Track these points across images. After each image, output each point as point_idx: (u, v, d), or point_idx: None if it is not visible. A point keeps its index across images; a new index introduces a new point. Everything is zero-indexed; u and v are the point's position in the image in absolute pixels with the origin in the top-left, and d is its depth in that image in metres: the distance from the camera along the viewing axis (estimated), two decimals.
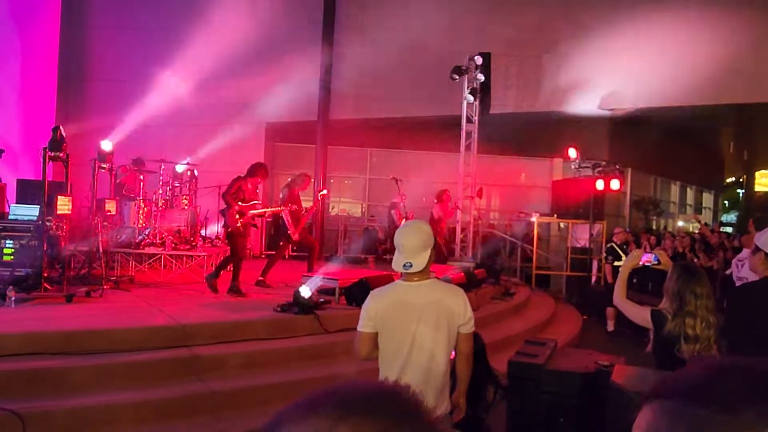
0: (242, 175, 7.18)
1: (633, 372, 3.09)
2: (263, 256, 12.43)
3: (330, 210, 15.17)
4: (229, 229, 7.00)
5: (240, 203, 7.01)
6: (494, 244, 13.55)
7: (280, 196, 8.13)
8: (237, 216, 6.98)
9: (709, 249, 11.06)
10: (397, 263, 2.65)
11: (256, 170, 7.20)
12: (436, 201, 10.43)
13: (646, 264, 3.41)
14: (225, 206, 7.11)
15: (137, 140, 10.18)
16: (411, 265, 2.61)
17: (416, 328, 2.65)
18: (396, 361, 2.68)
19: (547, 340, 4.53)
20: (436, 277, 2.86)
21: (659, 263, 3.37)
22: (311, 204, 9.06)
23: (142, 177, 8.94)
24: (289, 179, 8.22)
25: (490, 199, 16.79)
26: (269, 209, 8.16)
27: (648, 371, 3.09)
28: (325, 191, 9.62)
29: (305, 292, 6.17)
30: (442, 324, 2.65)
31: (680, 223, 21.14)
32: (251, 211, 7.19)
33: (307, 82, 12.15)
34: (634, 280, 11.07)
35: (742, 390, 0.49)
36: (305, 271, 7.82)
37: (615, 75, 13.00)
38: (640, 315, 3.16)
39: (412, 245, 2.64)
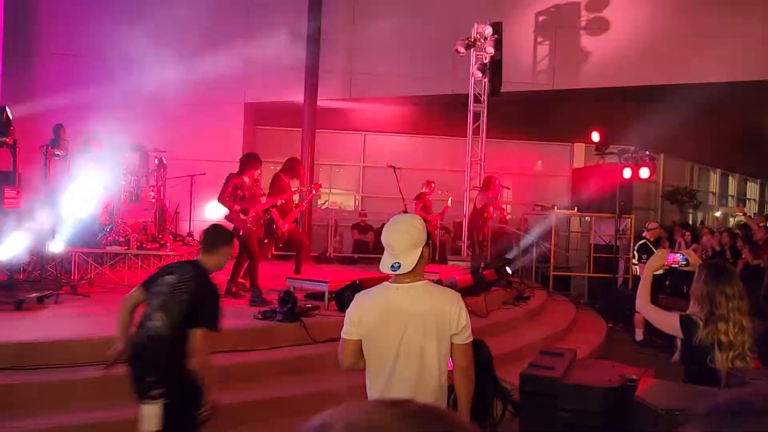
0: (234, 172, 7.27)
1: (661, 386, 3.13)
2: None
3: (319, 203, 15.20)
4: (241, 232, 7.05)
5: (241, 201, 7.15)
6: (506, 241, 13.58)
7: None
8: (242, 215, 7.13)
9: (755, 246, 11.12)
10: (385, 264, 2.69)
11: (247, 162, 7.34)
12: (481, 189, 10.44)
13: (673, 265, 3.43)
14: (227, 212, 7.18)
15: (95, 124, 10.16)
16: (399, 266, 2.65)
17: (403, 336, 2.68)
18: (381, 372, 2.73)
19: (565, 350, 4.56)
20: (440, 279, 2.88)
21: (687, 264, 3.39)
22: (303, 196, 9.14)
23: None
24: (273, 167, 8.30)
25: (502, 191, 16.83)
26: (278, 199, 8.20)
27: (679, 385, 3.13)
28: (319, 184, 9.68)
29: (290, 296, 6.20)
30: (432, 332, 2.68)
31: (717, 214, 21.21)
32: (264, 207, 7.44)
33: (291, 56, 12.14)
34: (667, 283, 11.14)
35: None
36: (291, 272, 7.85)
37: (646, 47, 13.01)
38: (667, 321, 3.19)
39: (400, 244, 2.67)
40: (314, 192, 9.64)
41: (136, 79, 11.90)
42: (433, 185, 11.36)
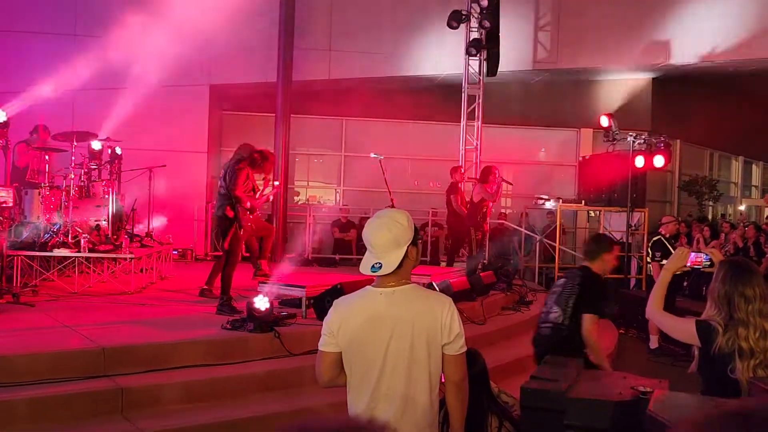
0: (244, 159, 7.29)
1: (676, 399, 3.15)
2: (208, 257, 12.43)
3: (295, 198, 15.17)
4: (241, 232, 7.15)
5: (250, 197, 7.23)
6: (506, 239, 13.63)
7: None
8: (249, 214, 7.20)
9: None
10: (365, 264, 2.69)
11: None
12: (478, 180, 10.43)
13: (695, 266, 3.40)
14: (222, 204, 7.14)
15: (40, 109, 10.07)
16: (380, 266, 2.64)
17: (389, 347, 2.67)
18: (365, 388, 2.71)
19: (571, 360, 4.59)
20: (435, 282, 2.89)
21: (712, 265, 3.36)
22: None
23: (47, 157, 8.85)
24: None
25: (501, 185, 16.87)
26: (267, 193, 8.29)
27: (695, 398, 3.15)
28: (277, 183, 9.60)
29: (262, 303, 6.18)
30: (421, 341, 2.68)
31: (741, 207, 21.37)
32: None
33: (263, 32, 12.09)
34: (685, 284, 11.22)
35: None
36: (261, 277, 7.82)
37: (660, 21, 13.09)
38: (683, 329, 3.18)
39: (381, 242, 2.67)
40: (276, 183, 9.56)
41: (85, 60, 11.79)
42: (463, 172, 11.29)
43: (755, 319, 3.02)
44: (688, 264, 3.43)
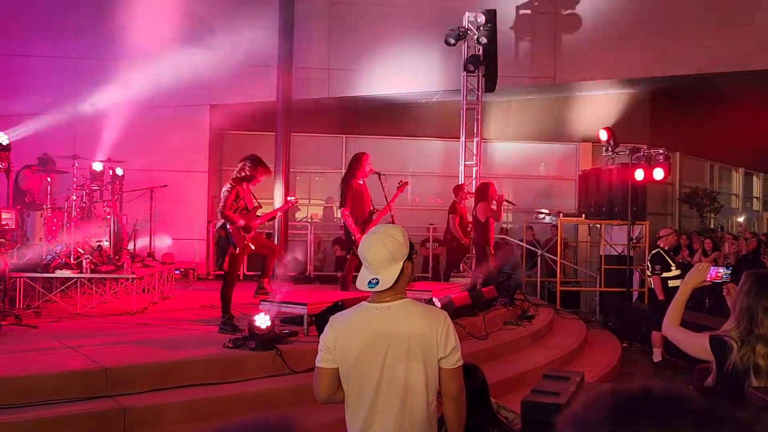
0: (237, 177, 7.15)
1: None
2: (210, 276, 12.45)
3: (297, 216, 15.19)
4: (237, 251, 7.03)
5: (242, 215, 7.07)
6: (507, 253, 13.62)
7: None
8: (243, 233, 7.05)
9: None
10: (362, 280, 2.71)
11: (256, 167, 7.19)
12: (476, 197, 10.39)
13: (716, 281, 3.27)
14: (221, 224, 7.11)
15: (41, 132, 10.14)
16: (377, 282, 2.66)
17: (385, 362, 2.68)
18: (361, 404, 2.73)
19: (572, 373, 4.59)
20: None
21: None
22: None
23: (49, 179, 8.91)
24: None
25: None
26: (276, 211, 8.29)
27: None
28: (293, 198, 9.57)
29: (263, 321, 6.19)
30: (417, 356, 2.68)
31: (740, 219, 21.35)
32: (261, 220, 7.51)
33: (262, 51, 12.17)
34: (707, 300, 11.13)
35: (605, 415, 0.83)
36: (263, 295, 7.82)
37: (660, 34, 13.16)
38: (698, 344, 3.08)
39: (377, 257, 2.68)
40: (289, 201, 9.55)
41: (86, 81, 11.87)
42: (466, 189, 11.21)
43: None
44: (709, 278, 3.26)
